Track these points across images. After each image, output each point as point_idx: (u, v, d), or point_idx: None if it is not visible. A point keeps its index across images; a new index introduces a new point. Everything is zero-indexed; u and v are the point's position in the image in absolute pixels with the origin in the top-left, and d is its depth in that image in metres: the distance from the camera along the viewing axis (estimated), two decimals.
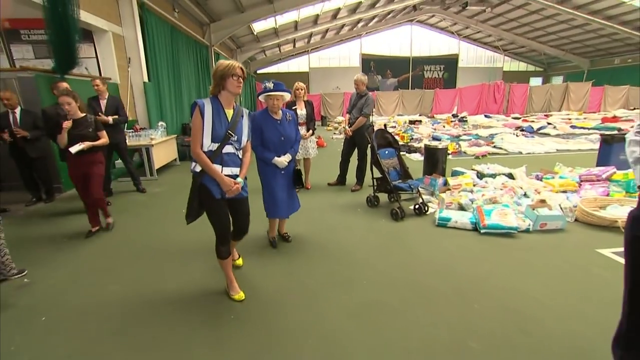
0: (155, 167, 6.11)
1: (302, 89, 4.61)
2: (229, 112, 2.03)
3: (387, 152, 3.91)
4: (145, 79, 7.22)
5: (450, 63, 25.93)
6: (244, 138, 2.11)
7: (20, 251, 2.95)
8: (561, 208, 3.52)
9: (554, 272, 2.55)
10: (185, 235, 3.33)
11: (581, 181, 4.06)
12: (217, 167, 2.00)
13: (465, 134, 10.09)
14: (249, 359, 1.79)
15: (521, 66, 27.10)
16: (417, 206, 3.73)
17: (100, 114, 4.46)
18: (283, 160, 2.76)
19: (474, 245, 3.03)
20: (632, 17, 15.97)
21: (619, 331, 1.55)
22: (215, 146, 1.98)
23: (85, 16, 5.48)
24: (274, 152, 2.75)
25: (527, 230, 3.24)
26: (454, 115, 15.54)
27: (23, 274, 2.56)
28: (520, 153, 7.48)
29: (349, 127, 4.65)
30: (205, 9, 10.92)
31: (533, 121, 12.76)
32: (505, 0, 18.19)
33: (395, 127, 12.12)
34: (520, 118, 14.90)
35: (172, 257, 2.95)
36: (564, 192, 3.93)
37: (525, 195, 3.87)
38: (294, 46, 21.66)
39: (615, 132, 8.55)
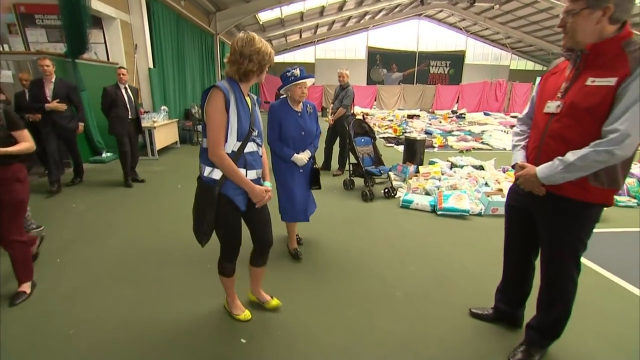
0: (156, 148, 6.57)
1: None
2: (248, 101, 1.66)
3: (363, 140, 4.31)
4: (151, 65, 7.63)
5: (456, 59, 25.89)
6: (262, 132, 1.78)
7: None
8: None
9: (488, 247, 2.96)
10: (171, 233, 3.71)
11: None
12: (241, 172, 1.62)
13: (458, 130, 10.39)
14: None
15: (528, 65, 26.97)
16: (386, 190, 4.15)
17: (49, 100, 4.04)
18: (303, 157, 2.47)
19: (428, 224, 3.45)
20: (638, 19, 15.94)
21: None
22: (238, 145, 1.59)
23: (96, 4, 5.87)
24: (292, 149, 2.46)
25: (479, 214, 3.64)
26: (453, 112, 15.77)
27: (41, 228, 3.02)
28: (505, 149, 7.80)
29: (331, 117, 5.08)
30: None
31: None
32: None
33: (392, 120, 12.43)
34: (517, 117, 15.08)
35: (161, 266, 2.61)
36: None
37: (486, 184, 4.25)
38: (300, 37, 21.86)
39: None
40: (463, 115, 14.51)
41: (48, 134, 4.16)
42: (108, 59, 6.88)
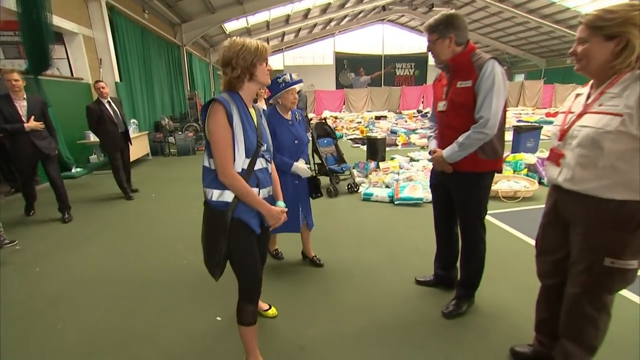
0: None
1: (261, 88, 5.29)
2: (252, 113, 1.50)
3: (325, 141, 4.65)
4: (117, 79, 7.65)
5: (420, 61, 27.04)
6: (271, 146, 1.60)
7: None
8: None
9: None
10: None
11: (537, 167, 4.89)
12: (255, 191, 1.47)
13: (422, 128, 10.99)
14: None
15: None
16: (349, 185, 4.50)
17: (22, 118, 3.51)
18: (303, 166, 2.40)
19: (386, 213, 3.82)
20: (575, 22, 17.46)
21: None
22: (247, 162, 1.44)
23: (56, 20, 5.88)
24: (288, 158, 2.37)
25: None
26: (419, 111, 16.53)
27: (14, 243, 3.12)
28: None
29: None
30: (175, 10, 11.31)
31: None
32: (468, 3, 19.32)
33: (360, 122, 12.94)
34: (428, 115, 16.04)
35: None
36: None
37: None
38: (268, 44, 22.08)
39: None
40: (427, 114, 15.26)
41: (24, 158, 3.63)
42: (72, 74, 6.88)
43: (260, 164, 1.49)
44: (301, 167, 2.39)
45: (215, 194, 1.43)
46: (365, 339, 1.90)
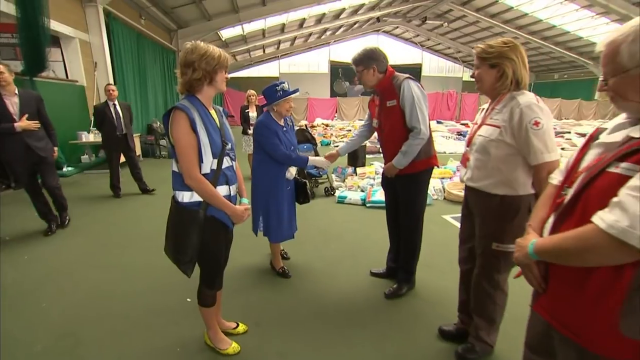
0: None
1: (253, 95, 5.60)
2: (213, 114, 1.58)
3: (305, 147, 4.92)
4: (111, 82, 7.91)
5: (414, 72, 27.51)
6: (234, 144, 1.69)
7: None
8: (433, 189, 4.66)
9: None
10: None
11: (457, 169, 5.25)
12: (223, 189, 1.57)
13: None
14: None
15: None
16: (326, 189, 4.77)
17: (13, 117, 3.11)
18: (320, 159, 2.49)
19: (356, 214, 4.10)
20: (562, 39, 18.25)
21: None
22: (215, 163, 1.52)
23: (54, 24, 6.16)
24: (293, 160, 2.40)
25: None
26: None
27: None
28: (445, 152, 8.76)
29: None
30: (172, 17, 11.64)
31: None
32: (460, 17, 19.96)
33: (350, 130, 13.27)
34: (466, 124, 16.50)
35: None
36: (442, 178, 5.09)
37: None
38: (264, 52, 22.55)
39: None
40: None
41: (17, 162, 3.23)
42: (67, 77, 7.12)
43: (226, 162, 1.58)
44: (317, 159, 2.48)
45: (186, 196, 1.52)
46: (316, 319, 2.16)
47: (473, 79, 1.60)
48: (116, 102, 4.76)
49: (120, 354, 1.85)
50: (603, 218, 0.77)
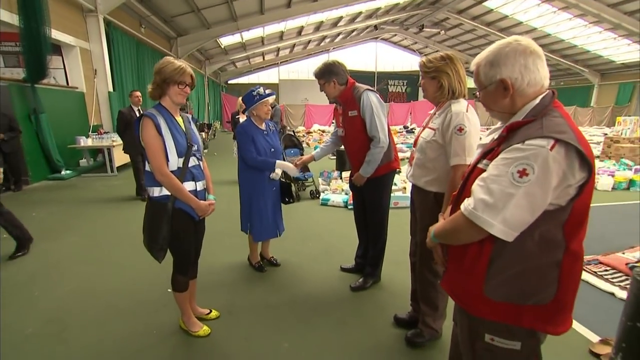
0: (115, 165, 7.07)
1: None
2: (179, 120, 1.80)
3: (292, 151, 5.13)
4: (110, 89, 8.18)
5: (412, 78, 27.92)
6: (201, 146, 1.92)
7: None
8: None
9: None
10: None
11: None
12: (190, 185, 1.78)
13: (402, 143, 11.56)
14: None
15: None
16: (311, 192, 4.98)
17: None
18: (287, 164, 2.60)
19: (337, 215, 4.29)
20: (557, 47, 18.53)
21: None
22: (181, 161, 1.74)
23: (55, 34, 6.44)
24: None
25: None
26: (405, 127, 17.19)
27: None
28: None
29: None
30: (172, 25, 11.98)
31: None
32: (456, 25, 20.29)
33: None
34: None
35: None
36: None
37: (394, 184, 5.19)
38: (264, 59, 22.92)
39: None
40: (413, 130, 15.91)
41: None
42: (67, 84, 7.39)
43: (193, 161, 1.80)
44: (284, 163, 2.57)
45: (156, 191, 1.74)
46: (284, 308, 2.34)
47: (470, 86, 1.78)
48: (140, 108, 5.01)
49: (102, 337, 2.04)
50: (464, 203, 0.97)
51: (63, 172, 6.58)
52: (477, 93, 1.08)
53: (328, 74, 2.31)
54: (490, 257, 0.98)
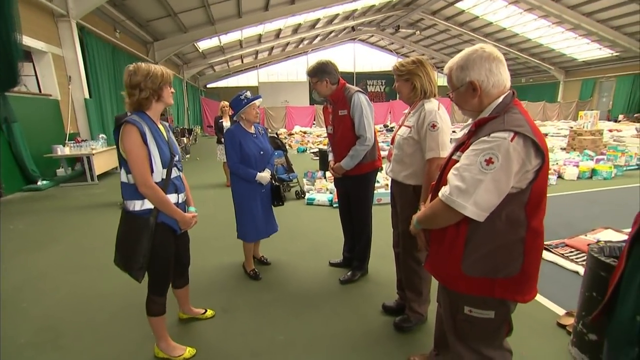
0: (96, 173, 6.91)
1: (226, 106, 5.87)
2: (161, 128, 1.71)
3: (276, 153, 5.21)
4: (87, 96, 7.97)
5: (390, 78, 28.19)
6: (181, 156, 1.87)
7: None
8: None
9: None
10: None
11: None
12: (173, 197, 1.70)
13: (383, 142, 11.83)
14: None
15: None
16: (296, 192, 5.07)
17: None
18: (266, 175, 2.63)
19: (322, 214, 4.40)
20: (525, 45, 19.45)
21: None
22: (164, 173, 1.65)
23: (26, 40, 6.22)
24: (255, 168, 2.57)
25: None
26: (385, 126, 17.53)
27: None
28: None
29: None
30: (147, 30, 11.78)
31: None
32: (431, 26, 20.88)
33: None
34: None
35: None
36: None
37: (377, 181, 5.36)
38: (242, 62, 22.81)
39: None
40: (392, 129, 16.27)
41: None
42: (40, 91, 7.17)
43: (174, 172, 1.73)
44: (263, 175, 2.59)
45: (137, 204, 1.62)
46: (277, 304, 2.43)
47: (446, 84, 1.91)
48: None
49: (97, 342, 2.06)
50: (441, 191, 1.10)
51: (40, 183, 6.37)
52: (450, 94, 1.21)
53: (321, 72, 2.40)
54: (466, 237, 1.11)
